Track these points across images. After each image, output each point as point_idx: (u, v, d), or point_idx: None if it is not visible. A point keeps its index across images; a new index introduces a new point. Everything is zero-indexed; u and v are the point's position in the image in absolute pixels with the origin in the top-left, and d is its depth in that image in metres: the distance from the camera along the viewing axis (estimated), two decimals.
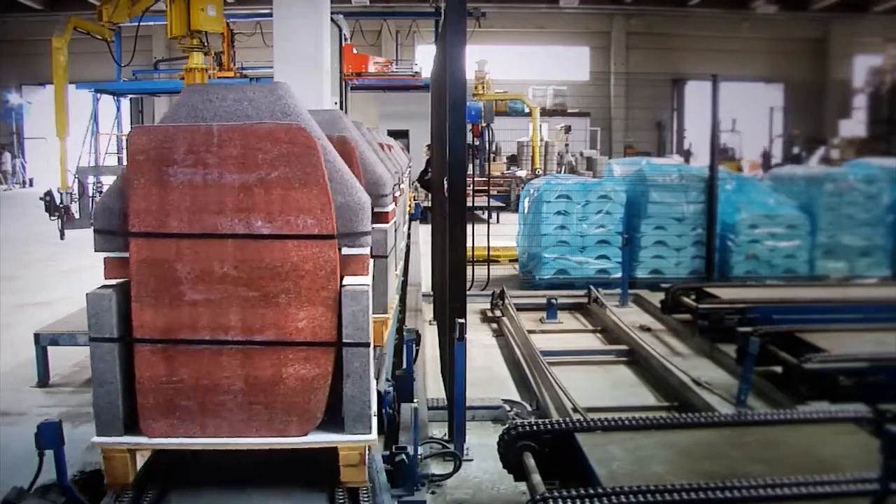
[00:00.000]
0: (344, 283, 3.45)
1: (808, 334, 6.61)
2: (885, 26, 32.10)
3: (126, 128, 28.94)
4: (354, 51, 23.81)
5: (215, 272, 3.34)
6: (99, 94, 24.44)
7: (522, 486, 4.33)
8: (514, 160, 28.28)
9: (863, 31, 33.51)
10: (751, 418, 4.77)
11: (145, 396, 3.35)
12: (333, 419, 3.48)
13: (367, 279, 3.57)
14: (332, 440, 3.44)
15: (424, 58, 28.54)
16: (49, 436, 3.39)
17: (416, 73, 25.24)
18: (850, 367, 5.79)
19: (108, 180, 23.55)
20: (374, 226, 5.33)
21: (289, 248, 3.35)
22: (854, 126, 30.08)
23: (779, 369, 6.55)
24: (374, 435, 3.50)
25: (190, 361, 3.36)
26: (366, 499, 3.40)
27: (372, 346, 3.48)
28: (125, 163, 3.40)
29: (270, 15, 10.87)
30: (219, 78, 23.08)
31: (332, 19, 12.61)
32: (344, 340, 3.41)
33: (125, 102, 27.17)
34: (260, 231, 3.34)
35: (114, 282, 3.40)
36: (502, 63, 31.13)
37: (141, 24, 14.24)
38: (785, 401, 6.07)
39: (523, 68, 33.44)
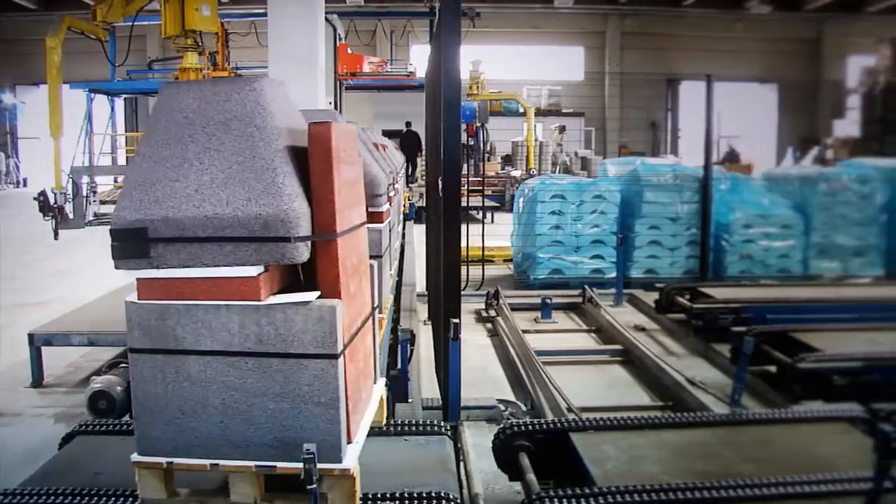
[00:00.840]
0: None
1: (802, 334, 6.62)
2: (878, 26, 32.19)
3: (120, 128, 28.96)
4: (349, 51, 23.83)
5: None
6: (93, 94, 24.40)
7: (517, 485, 4.34)
8: (508, 160, 28.32)
9: (856, 31, 33.58)
10: (745, 418, 4.78)
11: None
12: None
13: (382, 224, 5.00)
14: None
15: (419, 58, 28.56)
16: None
17: (410, 72, 25.27)
18: (844, 367, 5.81)
19: (102, 180, 23.59)
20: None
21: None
22: (848, 126, 30.14)
23: (773, 369, 6.56)
24: (384, 315, 4.85)
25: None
26: None
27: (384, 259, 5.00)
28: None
29: (265, 15, 10.86)
30: (213, 78, 23.09)
31: (326, 19, 12.60)
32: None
33: (119, 102, 27.10)
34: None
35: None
36: (497, 63, 31.13)
37: (135, 23, 14.22)
38: (779, 400, 6.09)
39: (518, 68, 33.45)
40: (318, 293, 3.07)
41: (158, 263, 3.02)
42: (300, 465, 3.01)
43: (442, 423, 4.24)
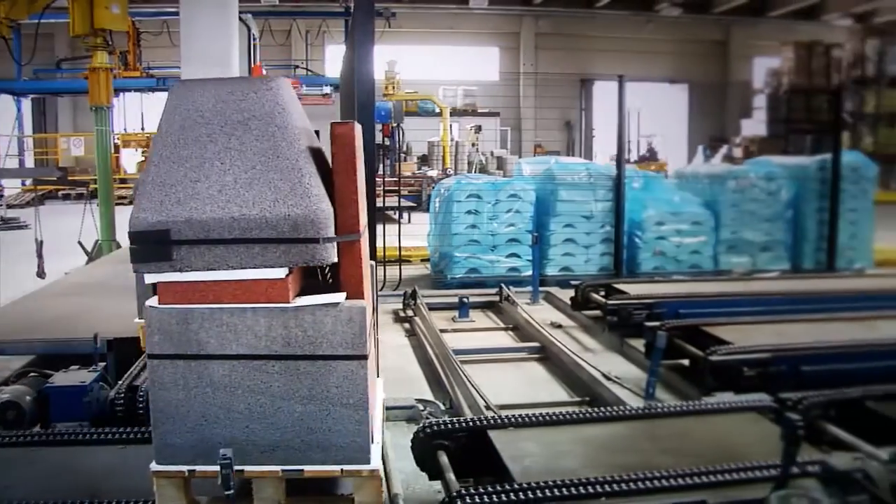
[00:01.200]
0: None
1: (713, 328, 6.76)
2: (781, 30, 33.24)
3: (28, 129, 28.15)
4: (260, 60, 23.50)
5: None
6: None
7: (437, 484, 4.35)
8: (424, 160, 28.37)
9: (761, 34, 34.62)
10: (661, 411, 4.88)
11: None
12: None
13: None
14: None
15: (335, 57, 28.40)
16: None
17: (326, 94, 24.97)
18: (753, 359, 5.95)
19: (8, 184, 22.90)
20: None
21: None
22: (755, 125, 31.02)
23: (686, 362, 6.69)
24: None
25: None
26: None
27: None
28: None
29: (177, 13, 10.64)
30: (124, 78, 22.64)
31: (240, 18, 12.42)
32: None
33: (26, 103, 26.32)
34: None
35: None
36: (413, 63, 31.17)
37: (42, 21, 13.83)
38: (693, 393, 6.20)
39: (434, 68, 33.50)
40: (343, 294, 3.07)
41: (182, 266, 2.98)
42: (328, 467, 3.06)
43: None
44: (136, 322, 5.68)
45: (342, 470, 3.06)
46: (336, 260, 3.03)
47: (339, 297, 3.03)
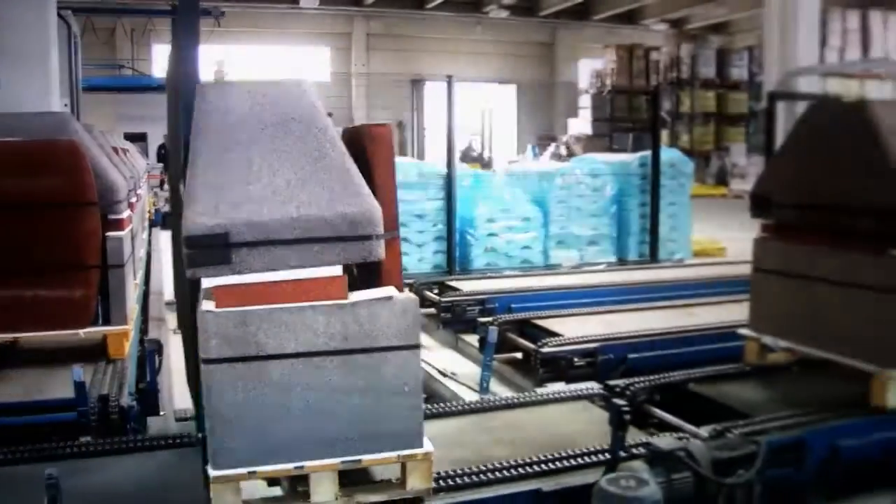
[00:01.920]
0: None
1: (544, 320, 6.93)
2: (604, 33, 34.58)
3: None
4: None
5: None
6: None
7: (276, 489, 4.29)
8: None
9: (585, 36, 35.86)
10: (494, 404, 4.97)
11: None
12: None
13: (123, 232, 5.22)
14: (103, 330, 5.10)
15: (162, 57, 27.55)
16: None
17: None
18: (582, 349, 6.14)
19: None
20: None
21: None
22: (581, 124, 32.11)
23: (520, 355, 6.83)
24: (129, 326, 5.21)
25: None
26: None
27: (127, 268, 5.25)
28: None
29: None
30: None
31: (60, 15, 11.85)
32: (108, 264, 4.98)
33: None
34: None
35: None
36: (243, 63, 30.63)
37: None
38: (526, 385, 6.34)
39: (265, 69, 33.02)
40: (393, 288, 3.16)
41: (241, 269, 2.98)
42: (385, 454, 3.13)
43: (197, 435, 4.13)
44: None
45: (398, 456, 3.14)
46: (383, 256, 3.16)
47: (391, 290, 3.14)
